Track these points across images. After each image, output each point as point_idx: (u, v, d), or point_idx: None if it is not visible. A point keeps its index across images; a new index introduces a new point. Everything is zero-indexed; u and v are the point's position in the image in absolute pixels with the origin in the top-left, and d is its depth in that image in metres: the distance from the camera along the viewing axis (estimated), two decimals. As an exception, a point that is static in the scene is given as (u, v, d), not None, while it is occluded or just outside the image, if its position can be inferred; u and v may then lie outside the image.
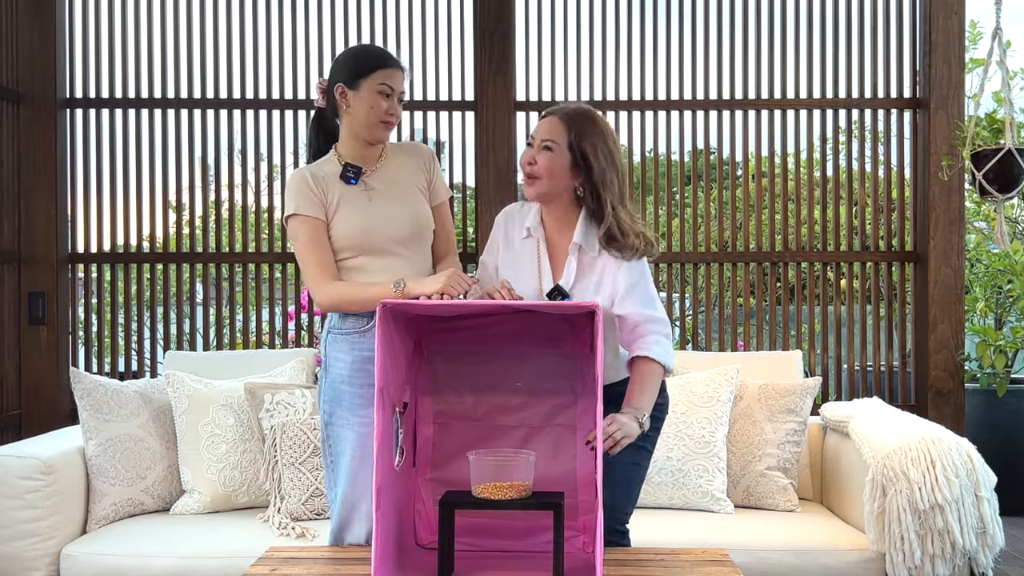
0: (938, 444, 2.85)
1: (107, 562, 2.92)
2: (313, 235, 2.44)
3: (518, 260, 2.41)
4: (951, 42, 4.22)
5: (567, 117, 2.33)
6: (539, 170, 2.31)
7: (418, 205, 2.52)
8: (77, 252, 4.27)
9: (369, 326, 2.42)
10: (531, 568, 2.16)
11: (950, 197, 4.19)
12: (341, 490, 2.45)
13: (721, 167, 4.42)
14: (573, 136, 2.30)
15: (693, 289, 4.38)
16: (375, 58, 2.49)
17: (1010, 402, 4.61)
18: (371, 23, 4.33)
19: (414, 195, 2.53)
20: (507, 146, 4.25)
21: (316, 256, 2.42)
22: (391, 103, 2.46)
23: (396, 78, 2.47)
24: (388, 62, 2.48)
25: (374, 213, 2.46)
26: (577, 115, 2.34)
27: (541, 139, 2.32)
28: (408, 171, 2.55)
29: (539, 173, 2.31)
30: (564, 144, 2.30)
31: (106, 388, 3.26)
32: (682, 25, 4.38)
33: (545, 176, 2.31)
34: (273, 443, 3.21)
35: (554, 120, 2.34)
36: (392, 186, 2.51)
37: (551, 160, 2.30)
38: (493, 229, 2.50)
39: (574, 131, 2.30)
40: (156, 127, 4.31)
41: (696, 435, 3.28)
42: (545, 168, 2.30)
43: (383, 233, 2.45)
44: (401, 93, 2.49)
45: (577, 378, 2.33)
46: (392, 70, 2.47)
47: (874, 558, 2.92)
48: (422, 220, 2.52)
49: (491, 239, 2.50)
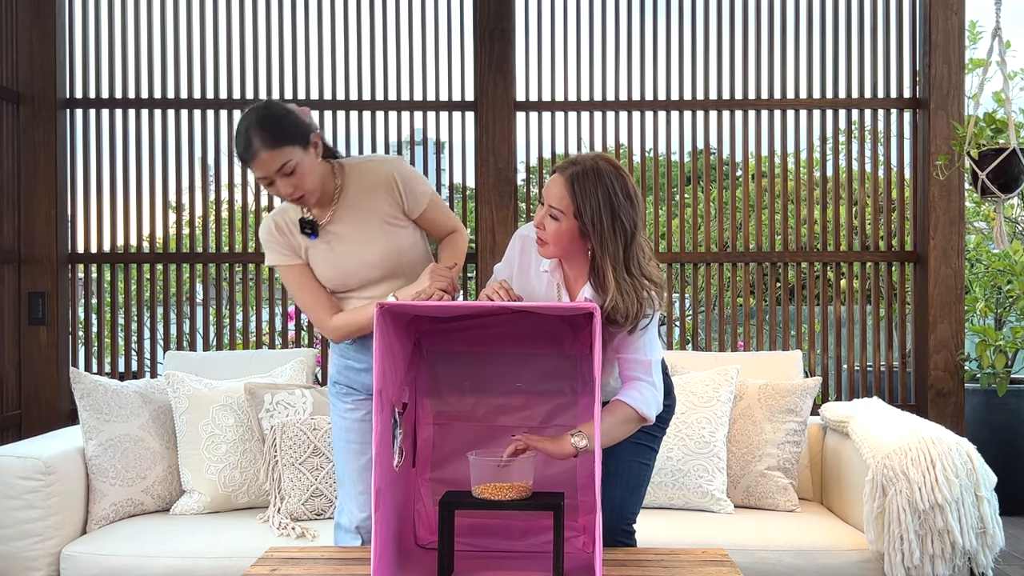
0: (938, 444, 2.85)
1: (107, 562, 2.92)
2: (298, 280, 2.46)
3: (535, 291, 2.37)
4: (951, 42, 4.22)
5: (573, 180, 2.19)
6: (547, 236, 2.24)
7: (386, 240, 2.43)
8: (77, 252, 4.27)
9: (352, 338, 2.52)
10: (531, 568, 2.16)
11: (950, 197, 4.19)
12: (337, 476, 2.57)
13: (721, 167, 4.42)
14: (577, 203, 2.18)
15: (693, 289, 4.38)
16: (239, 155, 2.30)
17: (1010, 402, 4.61)
18: (371, 23, 4.33)
19: (380, 232, 2.43)
20: (507, 146, 4.24)
21: (309, 298, 2.46)
22: (276, 187, 2.29)
23: (260, 168, 2.26)
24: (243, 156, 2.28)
25: (341, 261, 2.44)
26: (582, 177, 2.19)
27: (548, 204, 2.23)
28: (368, 205, 2.43)
29: (547, 239, 2.24)
30: (570, 213, 2.20)
31: (106, 388, 3.26)
32: (682, 25, 4.38)
33: (552, 244, 2.24)
34: (273, 443, 3.21)
35: (560, 184, 2.20)
36: (354, 230, 2.43)
37: (558, 229, 2.22)
38: (510, 247, 2.43)
39: (578, 199, 2.18)
40: (156, 127, 4.31)
41: (696, 435, 3.28)
42: (552, 236, 2.23)
43: (355, 276, 2.45)
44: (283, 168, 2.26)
45: (577, 379, 2.33)
46: (251, 164, 2.27)
47: (874, 558, 2.92)
48: (395, 253, 2.44)
49: (508, 254, 2.43)
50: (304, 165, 2.29)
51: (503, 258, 2.47)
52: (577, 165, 2.22)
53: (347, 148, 4.35)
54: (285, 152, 2.25)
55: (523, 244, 2.39)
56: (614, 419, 2.21)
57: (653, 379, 2.26)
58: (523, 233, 2.41)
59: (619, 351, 2.27)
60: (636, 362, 2.25)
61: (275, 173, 2.26)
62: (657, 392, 2.26)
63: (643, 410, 2.22)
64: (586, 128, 4.35)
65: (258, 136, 2.24)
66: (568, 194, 2.19)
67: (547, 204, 2.22)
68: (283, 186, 2.29)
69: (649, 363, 2.26)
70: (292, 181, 2.28)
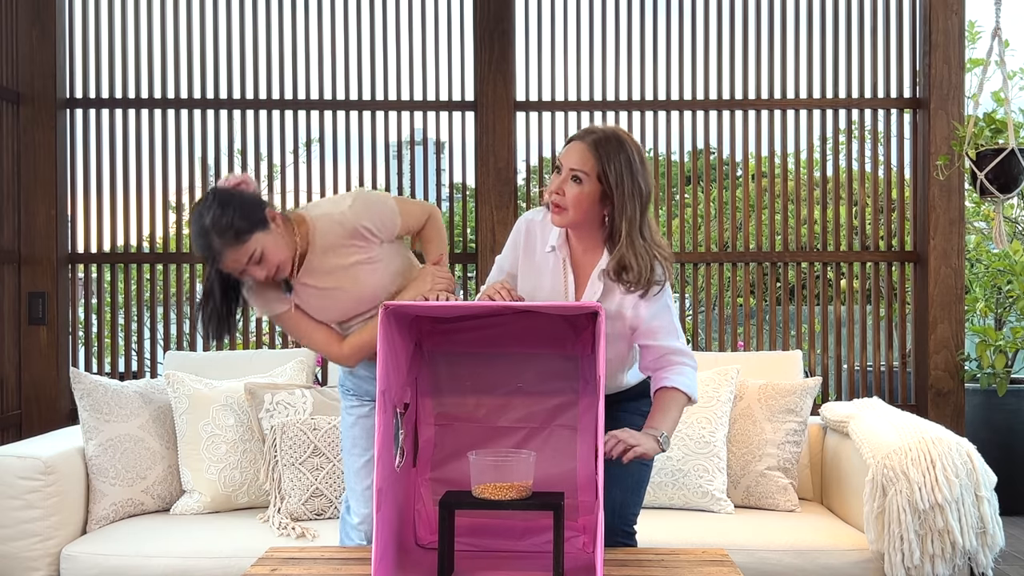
0: (938, 444, 2.85)
1: (107, 562, 2.92)
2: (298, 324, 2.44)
3: (541, 271, 2.37)
4: (951, 42, 4.22)
5: (596, 144, 2.23)
6: (567, 201, 2.23)
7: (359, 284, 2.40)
8: (77, 252, 4.27)
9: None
10: (531, 568, 2.16)
11: (950, 197, 4.19)
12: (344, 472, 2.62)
13: (721, 167, 4.42)
14: (602, 166, 2.21)
15: (693, 289, 4.38)
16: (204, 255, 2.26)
17: (1010, 402, 4.61)
18: (371, 23, 4.34)
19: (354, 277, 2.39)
20: (507, 146, 4.25)
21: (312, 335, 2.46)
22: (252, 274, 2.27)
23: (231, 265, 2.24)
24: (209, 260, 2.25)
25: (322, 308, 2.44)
26: (605, 141, 2.23)
27: (570, 168, 2.23)
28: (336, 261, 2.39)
29: (566, 204, 2.24)
30: (593, 175, 2.22)
31: (106, 388, 3.26)
32: (682, 25, 4.39)
33: (572, 208, 2.24)
34: (273, 443, 3.21)
35: (583, 147, 2.23)
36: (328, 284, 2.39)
37: (580, 192, 2.22)
38: (513, 234, 2.43)
39: (602, 161, 2.21)
40: (156, 127, 4.31)
41: (696, 435, 3.28)
42: (573, 200, 2.23)
43: (341, 317, 2.46)
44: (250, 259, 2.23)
45: (578, 379, 2.33)
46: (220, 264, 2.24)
47: (874, 558, 2.92)
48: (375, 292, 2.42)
49: (510, 243, 2.43)
50: (269, 246, 2.25)
51: (505, 246, 2.47)
52: (596, 132, 2.26)
53: (347, 148, 4.35)
54: (250, 243, 2.22)
55: (528, 227, 2.40)
56: (677, 409, 2.25)
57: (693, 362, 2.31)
58: (527, 217, 2.42)
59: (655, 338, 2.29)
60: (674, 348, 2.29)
61: (245, 264, 2.24)
62: (694, 373, 2.31)
63: (693, 393, 2.28)
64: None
65: (218, 239, 2.20)
66: (592, 156, 2.22)
67: (568, 168, 2.24)
68: (257, 272, 2.26)
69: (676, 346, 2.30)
70: (264, 266, 2.26)
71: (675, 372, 2.27)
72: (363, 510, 2.51)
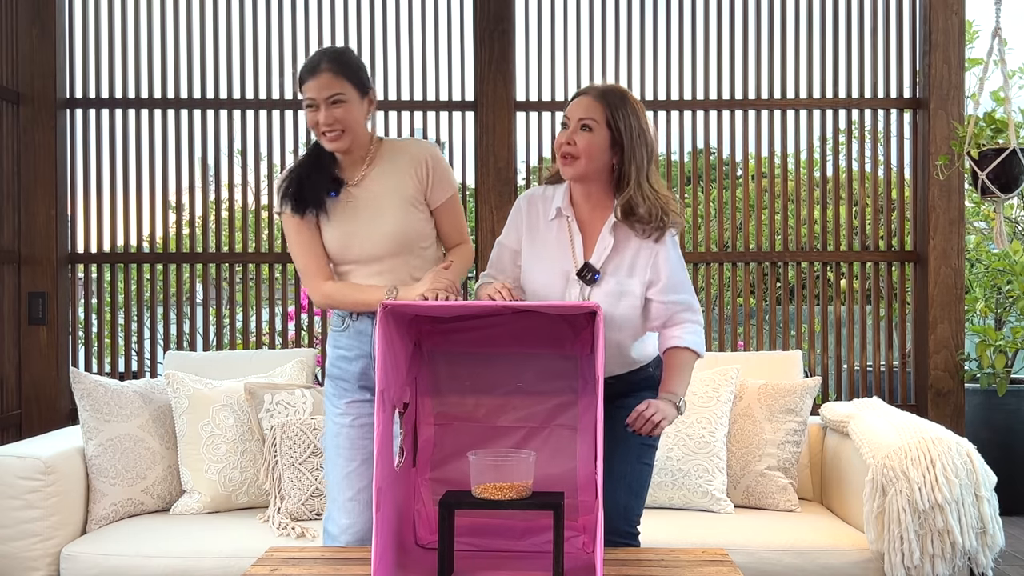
0: (938, 444, 2.85)
1: (107, 562, 2.92)
2: (297, 234, 2.47)
3: (546, 242, 2.38)
4: (951, 42, 4.22)
5: (602, 95, 2.31)
6: (578, 150, 2.28)
7: (401, 221, 2.44)
8: (77, 252, 4.27)
9: (345, 326, 2.51)
10: (531, 568, 2.16)
11: (950, 197, 4.20)
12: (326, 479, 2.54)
13: (721, 167, 4.42)
14: (610, 113, 2.29)
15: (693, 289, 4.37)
16: (301, 74, 2.41)
17: (1010, 402, 4.61)
18: (371, 23, 4.34)
19: (398, 209, 2.45)
20: (507, 146, 4.25)
21: (302, 255, 2.48)
22: (318, 114, 2.37)
23: (314, 87, 2.36)
24: (304, 75, 2.39)
25: (351, 229, 2.45)
26: (610, 92, 2.32)
27: (578, 118, 2.30)
28: (395, 181, 2.46)
29: (578, 153, 2.28)
30: (603, 122, 2.29)
31: (106, 388, 3.26)
32: (682, 25, 4.39)
33: (584, 156, 2.28)
34: (273, 443, 3.21)
35: (589, 99, 2.31)
36: (373, 201, 2.45)
37: (590, 139, 2.28)
38: (513, 212, 2.45)
39: (610, 108, 2.29)
40: (156, 127, 4.31)
41: (696, 435, 3.28)
42: (584, 148, 2.28)
43: (359, 248, 2.46)
44: (334, 96, 2.36)
45: (578, 378, 2.33)
46: (310, 81, 2.37)
47: (874, 558, 2.92)
48: (405, 235, 2.45)
49: (510, 223, 2.45)
50: (352, 107, 2.39)
51: (505, 227, 2.48)
52: (600, 86, 2.36)
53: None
54: (344, 85, 2.37)
55: (529, 200, 2.44)
56: (690, 369, 2.31)
57: (697, 317, 2.36)
58: (527, 193, 2.46)
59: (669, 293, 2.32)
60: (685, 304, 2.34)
61: (325, 99, 2.35)
62: (701, 328, 2.36)
63: (700, 349, 2.33)
64: (586, 128, 4.35)
65: (328, 61, 2.37)
66: (601, 104, 2.29)
67: (577, 119, 2.29)
68: (326, 115, 2.36)
69: (689, 301, 2.35)
70: (336, 113, 2.36)
71: (687, 331, 2.32)
72: (344, 520, 2.46)
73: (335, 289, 2.46)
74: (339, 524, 2.47)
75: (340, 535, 2.47)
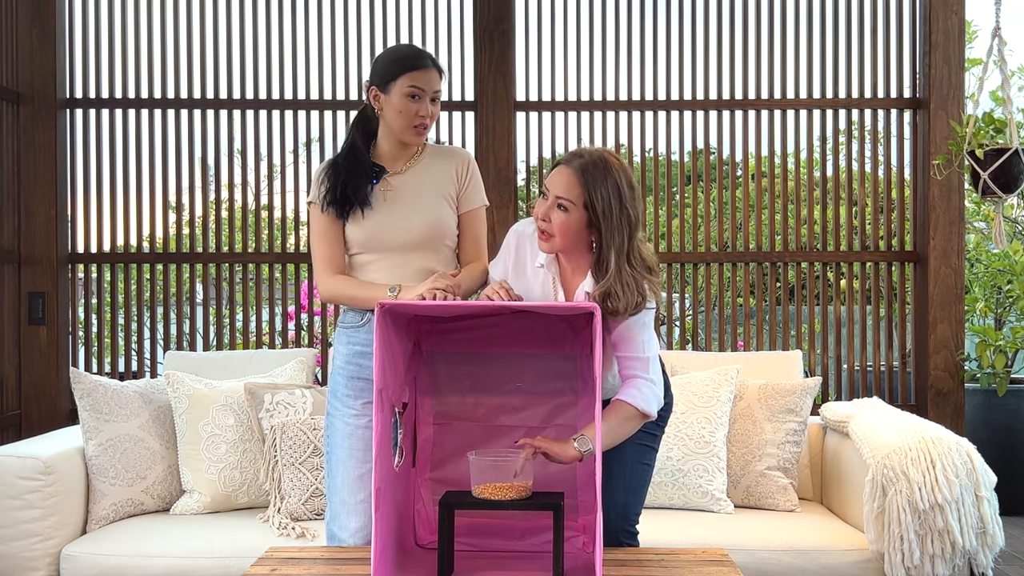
0: (938, 444, 2.85)
1: (107, 562, 2.92)
2: (323, 226, 2.49)
3: (531, 287, 2.36)
4: (951, 42, 4.22)
5: (583, 170, 2.22)
6: (553, 228, 2.24)
7: (435, 212, 2.49)
8: (77, 252, 4.27)
9: (364, 320, 2.48)
10: (531, 568, 2.16)
11: (950, 197, 4.20)
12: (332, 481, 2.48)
13: (721, 167, 4.42)
14: (587, 194, 2.20)
15: (693, 289, 4.38)
16: (405, 60, 2.45)
17: (1010, 402, 4.61)
18: (371, 23, 4.33)
19: (433, 201, 2.49)
20: (507, 146, 4.25)
21: (322, 248, 2.50)
22: (421, 105, 2.43)
23: (426, 79, 2.43)
24: (418, 63, 2.44)
25: (384, 216, 2.47)
26: (591, 167, 2.22)
27: (555, 195, 2.23)
28: (436, 177, 2.52)
29: (553, 231, 2.24)
30: (579, 203, 2.21)
31: (106, 388, 3.27)
32: (682, 25, 4.38)
33: (559, 235, 2.24)
34: (273, 443, 3.21)
35: (569, 173, 2.23)
36: (412, 191, 2.49)
37: (566, 220, 2.23)
38: (504, 244, 2.43)
39: (588, 189, 2.20)
40: (156, 127, 4.31)
41: (696, 435, 3.28)
42: (559, 227, 2.23)
43: (388, 237, 2.46)
44: (435, 93, 2.46)
45: (577, 379, 2.33)
46: (422, 71, 2.43)
47: (874, 558, 2.92)
48: (437, 227, 2.48)
49: (502, 252, 2.43)
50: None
51: (497, 256, 2.46)
52: (583, 157, 2.24)
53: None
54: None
55: (518, 240, 2.39)
56: (616, 418, 2.21)
57: (651, 376, 2.26)
58: (518, 229, 2.41)
59: (618, 349, 2.27)
60: (635, 359, 2.26)
61: (432, 92, 2.45)
62: (656, 388, 2.27)
63: (643, 407, 2.23)
64: (586, 128, 4.35)
65: (432, 61, 2.48)
66: (579, 184, 2.21)
67: (554, 196, 2.23)
68: (428, 107, 2.45)
69: (647, 360, 2.27)
70: (434, 109, 2.47)
71: (630, 386, 2.25)
72: (353, 523, 2.43)
73: (341, 283, 2.48)
74: (348, 527, 2.43)
75: (349, 538, 2.43)
